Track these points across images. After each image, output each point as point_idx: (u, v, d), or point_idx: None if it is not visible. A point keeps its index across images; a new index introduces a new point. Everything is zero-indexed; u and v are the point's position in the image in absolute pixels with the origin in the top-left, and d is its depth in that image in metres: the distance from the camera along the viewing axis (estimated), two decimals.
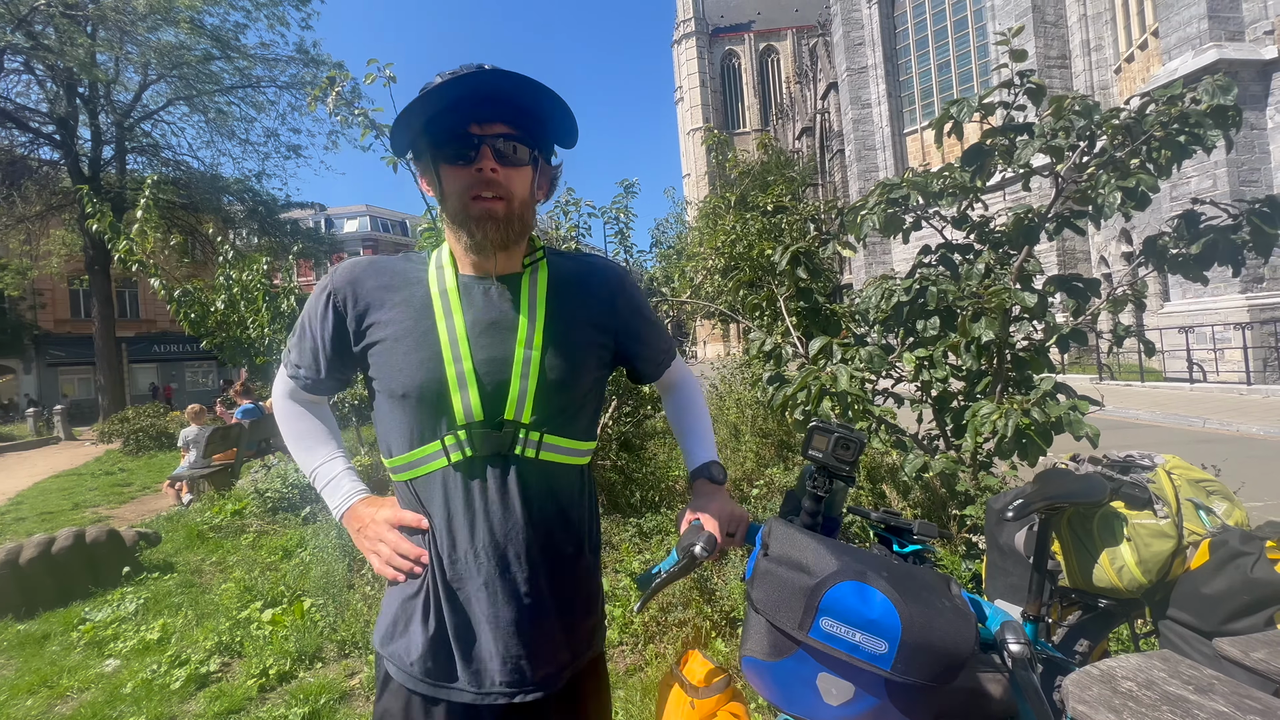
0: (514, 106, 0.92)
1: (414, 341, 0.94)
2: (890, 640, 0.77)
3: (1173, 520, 1.37)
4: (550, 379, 0.95)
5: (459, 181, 0.92)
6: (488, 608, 0.92)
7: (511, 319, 0.96)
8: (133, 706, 2.63)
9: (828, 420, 0.95)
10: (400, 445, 0.96)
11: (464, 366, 0.92)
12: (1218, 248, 2.46)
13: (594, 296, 1.05)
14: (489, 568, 0.93)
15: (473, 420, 0.92)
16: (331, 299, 0.99)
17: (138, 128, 19.44)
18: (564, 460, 0.98)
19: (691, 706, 0.99)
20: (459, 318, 0.95)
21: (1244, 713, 0.96)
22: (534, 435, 0.94)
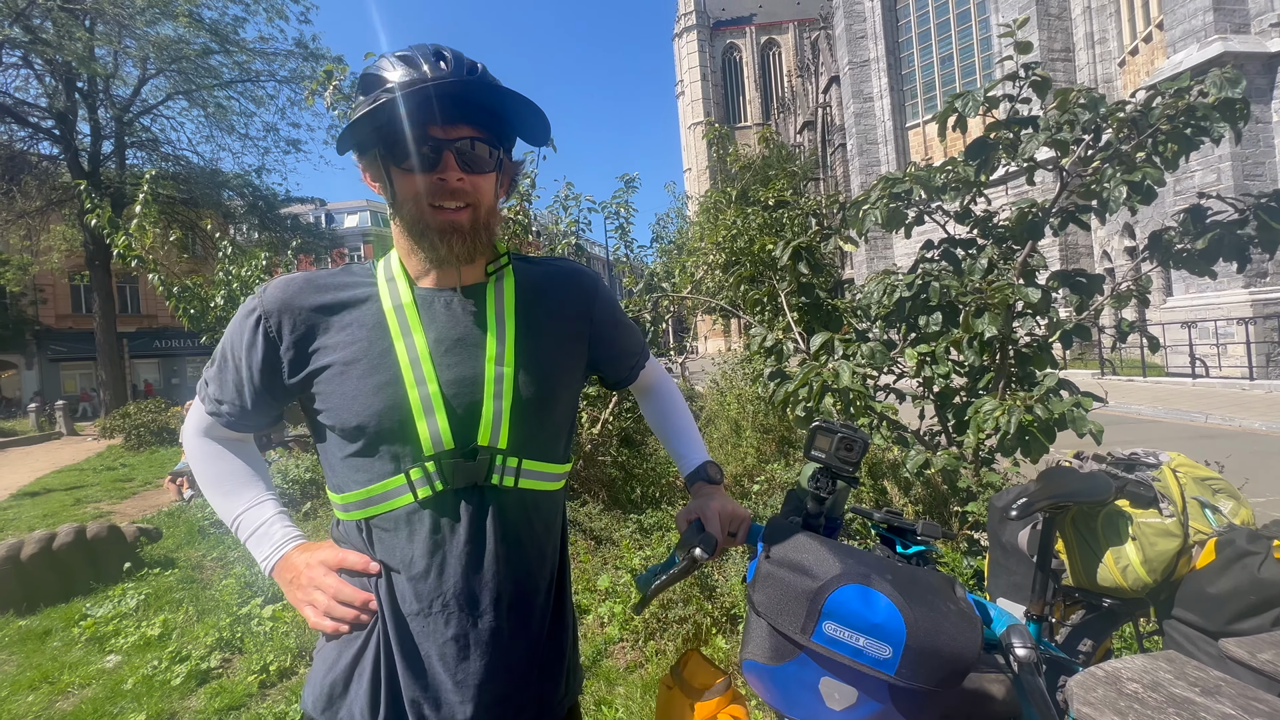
0: (478, 104, 0.82)
1: (368, 365, 0.82)
2: (895, 645, 0.75)
3: (1178, 519, 1.36)
4: (526, 398, 0.86)
5: (416, 188, 0.81)
6: (456, 664, 0.81)
7: (478, 334, 0.86)
8: (133, 703, 2.63)
9: (830, 419, 0.93)
10: (354, 481, 0.83)
11: (429, 389, 0.81)
12: (1224, 243, 2.44)
13: (567, 305, 0.96)
14: (460, 618, 0.81)
15: (442, 450, 0.81)
16: (262, 323, 0.84)
17: (137, 122, 19.40)
18: (543, 487, 0.89)
19: (691, 709, 0.98)
20: (419, 335, 0.84)
21: (1251, 715, 0.95)
22: (511, 462, 0.84)
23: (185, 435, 0.96)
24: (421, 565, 0.81)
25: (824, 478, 0.92)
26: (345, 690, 0.83)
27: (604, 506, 4.30)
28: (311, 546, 0.88)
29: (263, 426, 0.94)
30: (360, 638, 0.83)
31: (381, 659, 0.82)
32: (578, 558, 3.54)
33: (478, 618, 0.82)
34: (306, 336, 0.84)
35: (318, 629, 0.84)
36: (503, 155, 0.87)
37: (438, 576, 0.81)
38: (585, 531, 3.90)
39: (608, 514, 4.17)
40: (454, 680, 0.81)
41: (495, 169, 0.86)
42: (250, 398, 0.87)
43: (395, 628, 0.82)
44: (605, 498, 4.44)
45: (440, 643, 0.81)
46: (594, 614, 3.05)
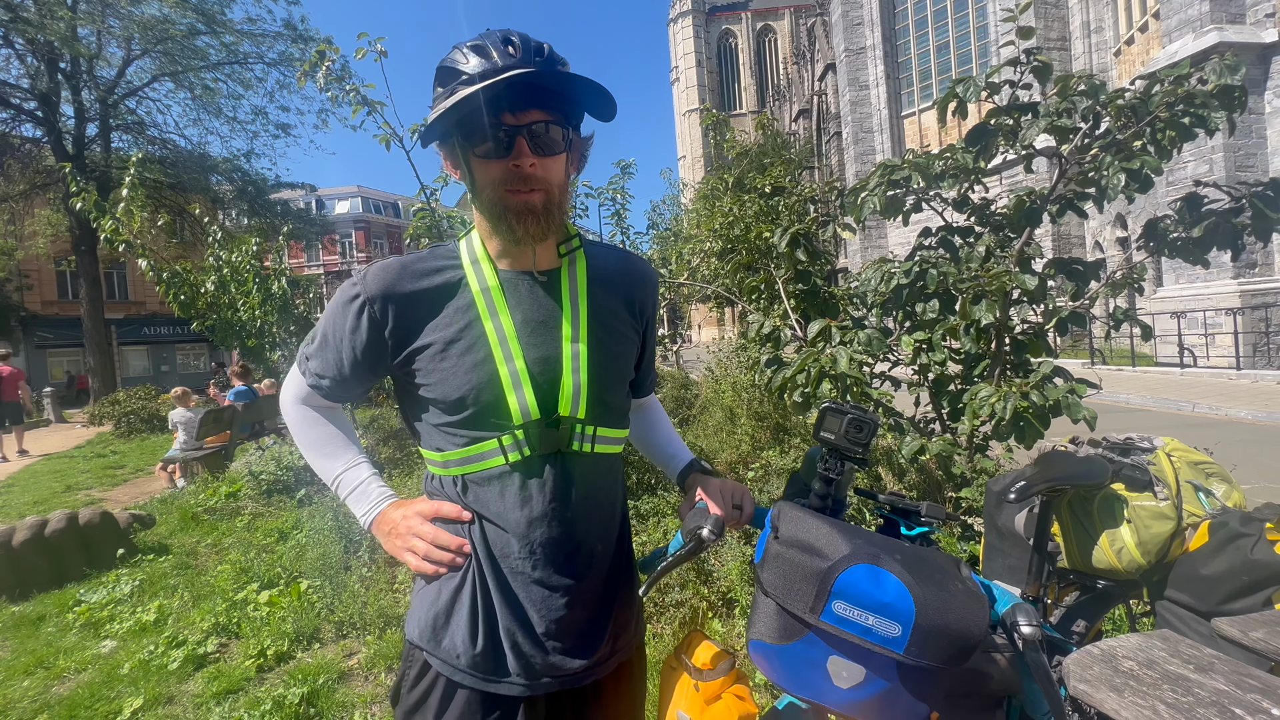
0: (546, 87, 0.86)
1: (465, 345, 0.91)
2: (904, 623, 0.76)
3: (1173, 502, 1.38)
4: (598, 373, 0.95)
5: (493, 174, 0.88)
6: (542, 602, 0.91)
7: (556, 315, 0.94)
8: (131, 687, 2.63)
9: (837, 402, 0.93)
10: (451, 443, 0.93)
11: (516, 366, 0.90)
12: (1219, 231, 2.45)
13: (631, 293, 1.04)
14: (545, 563, 0.91)
15: (530, 419, 0.90)
16: (366, 309, 0.91)
17: (122, 105, 19.02)
18: (612, 450, 0.99)
19: (696, 689, 0.99)
20: (506, 317, 0.92)
21: (1244, 691, 0.97)
22: (589, 430, 0.94)
23: (284, 402, 1.05)
24: (512, 517, 0.91)
25: (833, 459, 0.93)
26: (447, 622, 0.92)
27: None
28: (405, 502, 0.97)
29: (356, 397, 1.04)
30: (458, 578, 0.92)
31: (479, 596, 0.91)
32: None
33: (561, 564, 0.92)
34: (407, 320, 0.92)
35: (418, 572, 0.93)
36: (572, 134, 0.92)
37: (526, 527, 0.91)
38: None
39: None
40: (540, 616, 0.91)
41: (565, 149, 0.91)
42: (351, 373, 0.97)
43: (490, 569, 0.92)
44: None
45: (527, 584, 0.91)
46: None
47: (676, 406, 7.33)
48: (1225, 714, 0.91)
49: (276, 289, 5.82)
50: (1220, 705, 0.94)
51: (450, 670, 0.91)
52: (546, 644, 0.91)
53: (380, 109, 3.15)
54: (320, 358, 0.98)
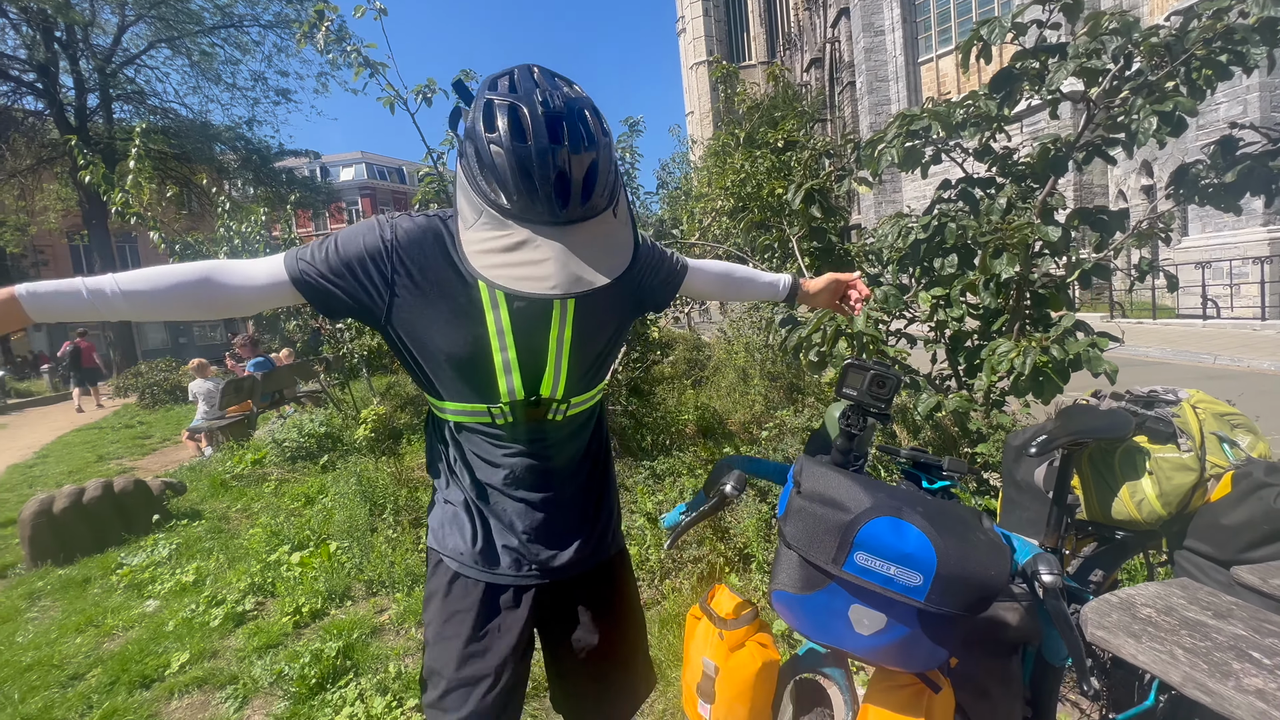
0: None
1: (465, 330, 0.99)
2: (925, 573, 0.77)
3: (1196, 454, 1.37)
4: (578, 361, 1.06)
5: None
6: (523, 514, 1.10)
7: (546, 312, 1.02)
8: (176, 642, 2.77)
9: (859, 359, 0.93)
10: (450, 396, 1.06)
11: (509, 355, 1.01)
12: (1253, 176, 2.36)
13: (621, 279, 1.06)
14: (523, 486, 1.09)
15: (515, 399, 1.03)
16: (394, 257, 0.96)
17: (120, 73, 18.74)
18: (586, 407, 1.13)
19: (720, 637, 1.02)
20: (504, 311, 0.99)
21: (1262, 635, 0.98)
22: (564, 406, 1.08)
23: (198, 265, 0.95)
24: (498, 457, 1.08)
25: (855, 415, 0.93)
26: (453, 529, 1.13)
27: (616, 454, 4.37)
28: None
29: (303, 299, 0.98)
30: (460, 498, 1.12)
31: (474, 513, 1.11)
32: None
33: (537, 487, 1.10)
34: (418, 282, 0.98)
35: None
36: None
37: (509, 465, 1.08)
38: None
39: (619, 461, 4.25)
40: (522, 524, 1.10)
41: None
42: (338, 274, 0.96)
43: (480, 490, 1.10)
44: (617, 445, 4.51)
45: (510, 500, 1.10)
46: None
47: (689, 368, 7.35)
48: (1243, 657, 0.93)
49: None
50: (1238, 649, 0.95)
51: (457, 565, 1.11)
52: (529, 545, 1.10)
53: (383, 70, 3.08)
54: (320, 253, 0.97)
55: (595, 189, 0.83)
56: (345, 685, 2.34)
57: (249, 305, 0.97)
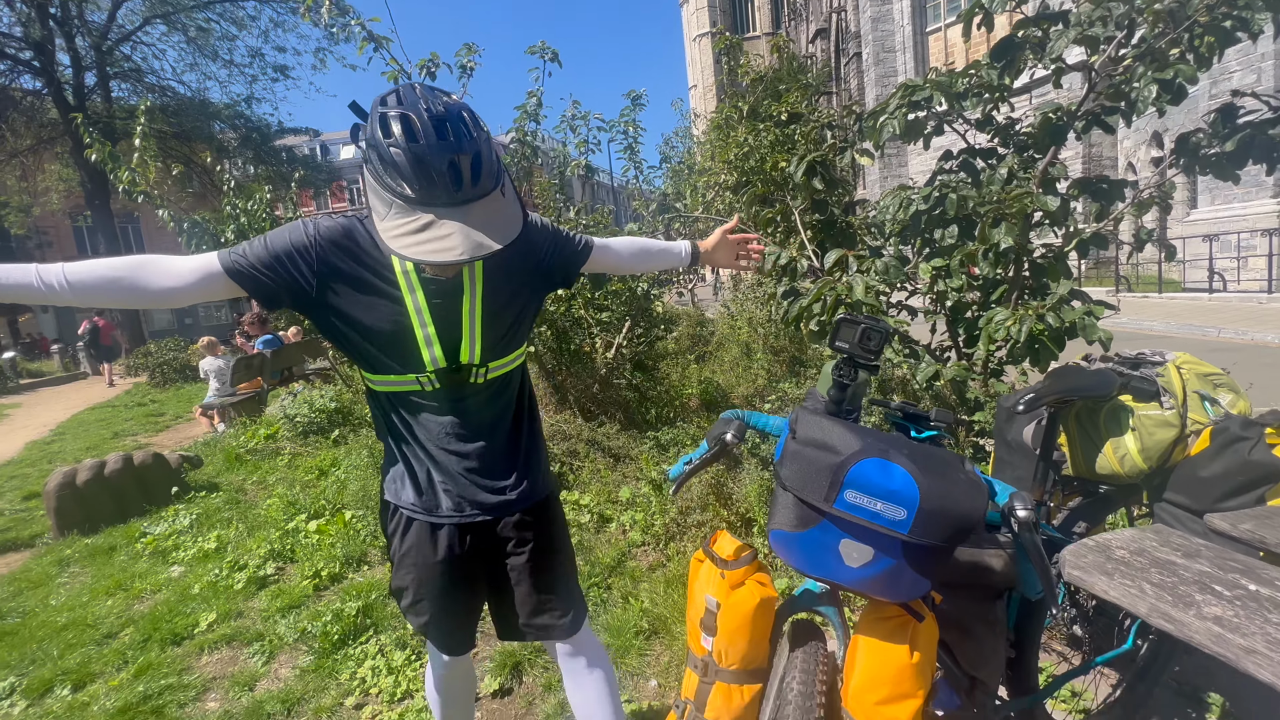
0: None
1: (388, 309, 1.15)
2: (909, 508, 0.85)
3: (1178, 411, 1.43)
4: (490, 329, 1.21)
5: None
6: (457, 463, 1.26)
7: (459, 285, 1.17)
8: (203, 604, 2.90)
9: (851, 314, 0.99)
10: (381, 370, 1.21)
11: (429, 331, 1.16)
12: (1254, 144, 2.37)
13: (523, 251, 1.26)
14: (455, 440, 1.25)
15: (439, 367, 1.18)
16: (317, 250, 1.11)
17: (116, 50, 18.55)
18: (506, 370, 1.28)
19: (722, 577, 1.10)
20: (419, 291, 1.15)
21: (1225, 572, 1.05)
22: (483, 370, 1.23)
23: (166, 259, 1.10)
24: (431, 419, 1.24)
25: (847, 367, 0.99)
26: (402, 482, 1.29)
27: (620, 427, 4.46)
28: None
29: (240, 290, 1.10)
30: (405, 458, 1.28)
31: (418, 466, 1.27)
32: (599, 474, 3.73)
33: (470, 443, 1.26)
34: (343, 276, 1.13)
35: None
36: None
37: (440, 423, 1.24)
38: (604, 450, 4.07)
39: (624, 434, 4.34)
40: (457, 472, 1.26)
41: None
42: (266, 274, 1.09)
43: (420, 446, 1.26)
44: (621, 419, 4.60)
45: (445, 454, 1.25)
46: (616, 522, 3.26)
47: (693, 343, 7.40)
48: (1205, 590, 1.00)
49: None
50: (1202, 583, 1.02)
51: (408, 510, 1.29)
52: (467, 490, 1.26)
53: (387, 45, 3.08)
54: (251, 249, 1.10)
55: (482, 173, 0.96)
56: (366, 641, 2.46)
57: (182, 296, 1.09)
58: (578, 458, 3.95)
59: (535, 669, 2.24)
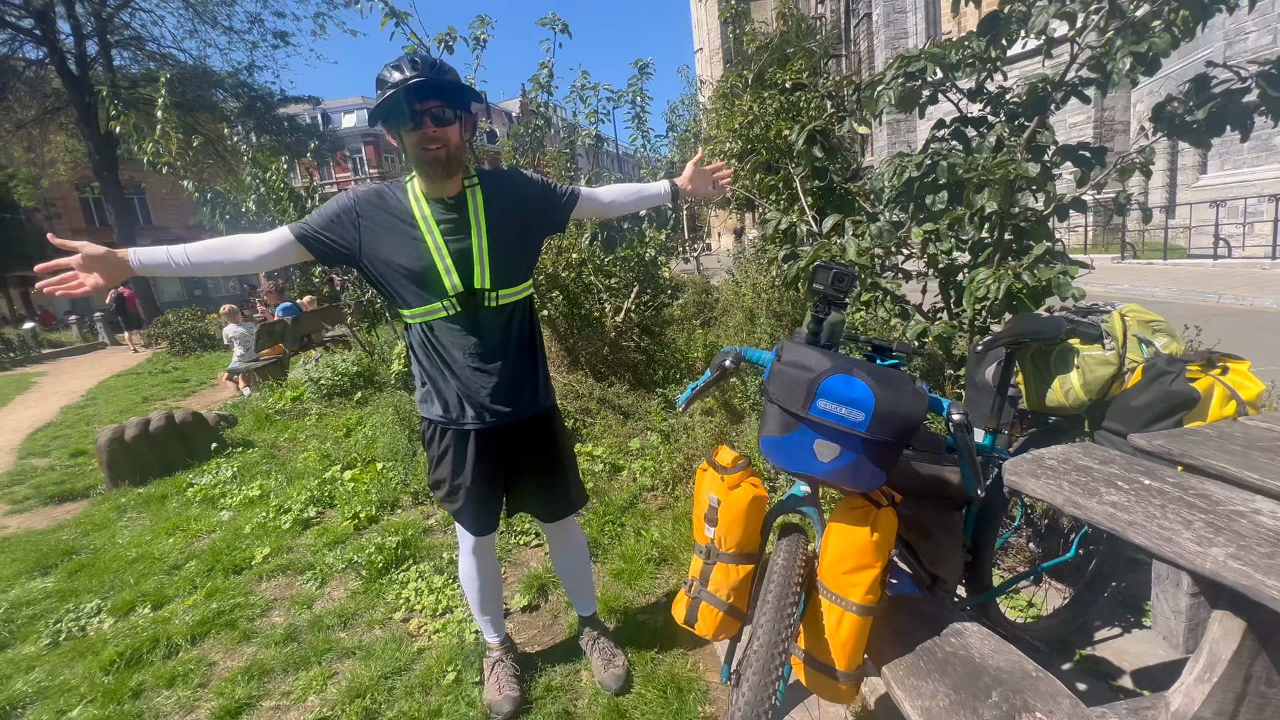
0: (440, 84, 1.40)
1: (414, 247, 1.51)
2: (866, 411, 1.09)
3: (1117, 351, 1.66)
4: (496, 257, 1.54)
5: (412, 140, 1.45)
6: (477, 378, 1.59)
7: (467, 225, 1.53)
8: (255, 541, 3.22)
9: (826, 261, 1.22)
10: (414, 303, 1.55)
11: (447, 262, 1.51)
12: (1228, 112, 2.53)
13: (513, 197, 1.63)
14: (477, 359, 1.58)
15: (457, 290, 1.52)
16: (356, 209, 1.53)
17: (116, 18, 18.42)
18: (513, 299, 1.60)
19: (722, 479, 1.36)
20: (436, 231, 1.51)
21: (1130, 472, 1.30)
22: (494, 293, 1.55)
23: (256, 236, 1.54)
24: (455, 340, 1.58)
25: (822, 304, 1.23)
26: (432, 399, 1.66)
27: (630, 386, 4.73)
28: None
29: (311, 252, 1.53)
30: (434, 379, 1.63)
31: (445, 385, 1.62)
32: (610, 429, 4.00)
33: (486, 359, 1.59)
34: (376, 229, 1.53)
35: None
36: (460, 112, 1.49)
37: (466, 344, 1.58)
38: (614, 408, 4.34)
39: (634, 393, 4.60)
40: (478, 385, 1.60)
41: (456, 121, 1.48)
42: (324, 231, 1.52)
43: (449, 368, 1.60)
44: (631, 379, 4.86)
45: (469, 371, 1.59)
46: (628, 470, 3.54)
47: (698, 310, 7.61)
48: (1110, 485, 1.25)
49: (311, 207, 6.07)
50: (1109, 481, 1.27)
51: (439, 420, 1.65)
52: (484, 400, 1.60)
53: (407, 20, 3.24)
54: (319, 217, 1.53)
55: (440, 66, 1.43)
56: (407, 569, 2.77)
57: (269, 261, 1.53)
58: (590, 415, 4.22)
59: (559, 589, 2.54)
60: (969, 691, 1.19)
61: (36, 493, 4.49)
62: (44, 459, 5.57)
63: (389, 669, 2.11)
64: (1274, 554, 0.95)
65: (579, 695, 1.94)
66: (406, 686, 2.03)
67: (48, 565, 3.23)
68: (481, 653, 2.06)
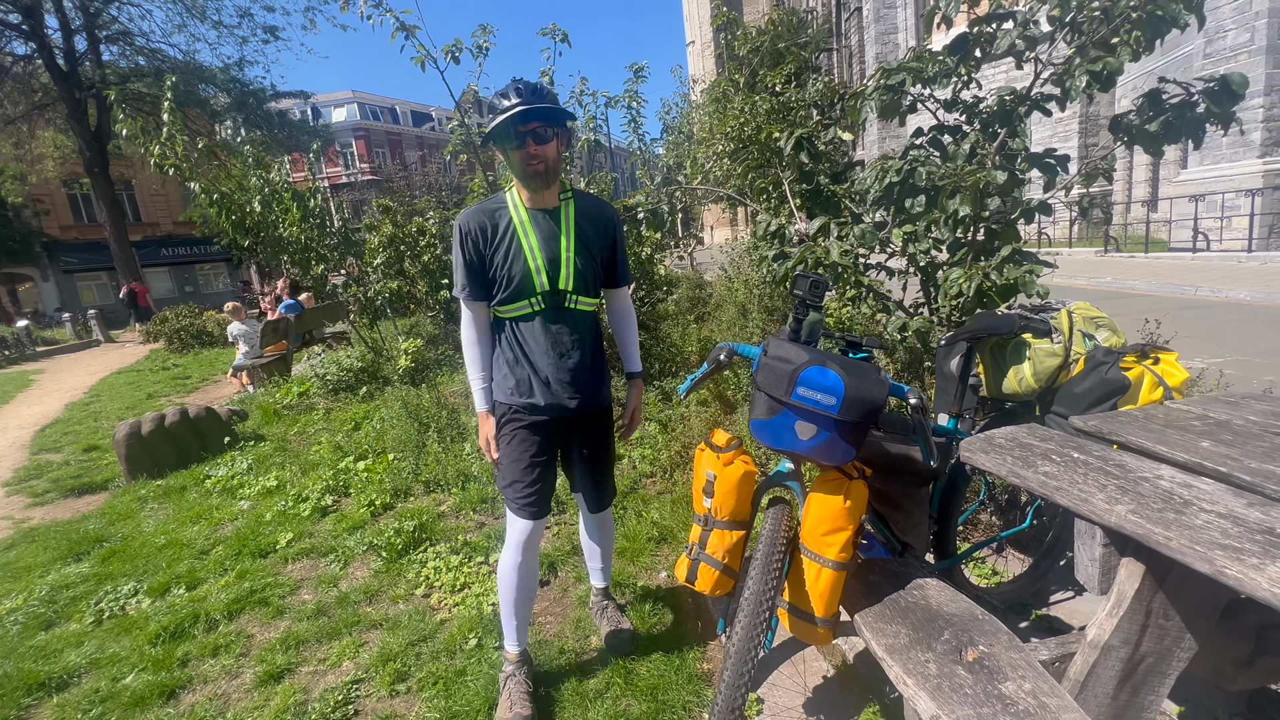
0: (541, 110, 1.63)
1: (515, 250, 1.75)
2: (837, 396, 1.30)
3: (1064, 344, 1.88)
4: (578, 267, 1.78)
5: (517, 157, 1.68)
6: (559, 372, 1.81)
7: (558, 234, 1.77)
8: (277, 528, 3.41)
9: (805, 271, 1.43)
10: (509, 299, 1.78)
11: (538, 262, 1.74)
12: (1181, 123, 2.76)
13: (601, 224, 1.86)
14: (558, 354, 1.80)
15: (545, 290, 1.75)
16: (463, 233, 1.76)
17: (104, 12, 18.31)
18: (587, 308, 1.85)
19: (718, 457, 1.57)
20: (532, 236, 1.75)
21: (1063, 448, 1.52)
22: (573, 296, 1.79)
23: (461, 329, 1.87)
24: (539, 334, 1.80)
25: (800, 307, 1.44)
26: (508, 383, 1.84)
27: None
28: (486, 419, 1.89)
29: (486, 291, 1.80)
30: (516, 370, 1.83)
31: (525, 370, 1.82)
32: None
33: (567, 355, 1.82)
34: (486, 241, 1.77)
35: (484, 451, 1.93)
36: (557, 130, 1.70)
37: (546, 338, 1.80)
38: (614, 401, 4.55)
39: None
40: (557, 378, 1.82)
41: (554, 139, 1.70)
42: (475, 273, 1.78)
43: (531, 359, 1.81)
44: None
45: (552, 363, 1.81)
46: (628, 459, 3.76)
47: (692, 305, 7.82)
48: (1046, 459, 1.47)
49: (314, 205, 6.22)
50: (1045, 455, 1.49)
51: (515, 404, 1.84)
52: (558, 390, 1.81)
53: (415, 33, 3.41)
54: (459, 275, 1.79)
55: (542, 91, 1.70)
56: (424, 551, 2.98)
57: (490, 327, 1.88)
58: None
59: (567, 566, 2.76)
60: (925, 631, 1.42)
61: (55, 486, 4.65)
62: (57, 454, 5.72)
63: (415, 637, 2.33)
64: (1164, 510, 1.18)
65: (590, 658, 2.16)
66: (433, 651, 2.24)
67: (80, 552, 3.41)
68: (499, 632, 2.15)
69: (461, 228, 1.75)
